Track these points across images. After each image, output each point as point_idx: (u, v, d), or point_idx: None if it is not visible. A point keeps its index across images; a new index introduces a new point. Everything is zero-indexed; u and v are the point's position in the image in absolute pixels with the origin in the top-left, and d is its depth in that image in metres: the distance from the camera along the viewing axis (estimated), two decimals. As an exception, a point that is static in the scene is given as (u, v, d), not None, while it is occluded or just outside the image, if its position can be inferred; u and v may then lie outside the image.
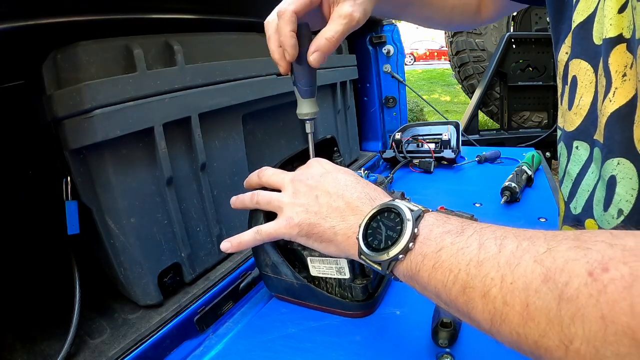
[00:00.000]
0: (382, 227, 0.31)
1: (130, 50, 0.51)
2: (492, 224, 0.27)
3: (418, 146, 1.17)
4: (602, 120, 0.39)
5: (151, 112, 0.52)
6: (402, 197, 0.36)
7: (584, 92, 0.43)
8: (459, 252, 0.25)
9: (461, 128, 1.16)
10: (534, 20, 2.90)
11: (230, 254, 0.70)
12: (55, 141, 0.49)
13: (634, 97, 0.35)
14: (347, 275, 0.51)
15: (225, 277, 0.64)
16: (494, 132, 2.48)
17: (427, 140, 1.17)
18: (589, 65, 0.42)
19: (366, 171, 0.65)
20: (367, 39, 1.26)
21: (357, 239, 0.33)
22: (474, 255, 0.24)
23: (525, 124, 2.49)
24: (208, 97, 0.61)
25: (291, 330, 0.52)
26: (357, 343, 0.48)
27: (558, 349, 0.19)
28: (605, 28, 0.38)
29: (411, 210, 0.30)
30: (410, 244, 0.29)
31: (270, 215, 0.50)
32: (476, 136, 2.34)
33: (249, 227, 0.57)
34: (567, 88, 0.46)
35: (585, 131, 0.43)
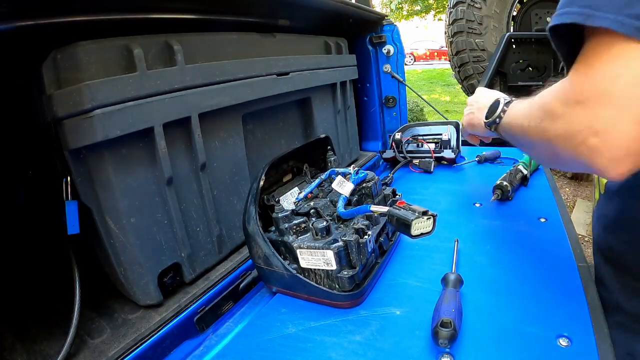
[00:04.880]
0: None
1: (130, 50, 0.51)
2: (518, 105, 0.54)
3: (418, 146, 1.17)
4: None
5: (151, 112, 0.52)
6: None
7: None
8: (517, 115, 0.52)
9: (461, 128, 1.15)
10: (534, 20, 2.90)
11: (229, 254, 0.70)
12: (55, 141, 0.49)
13: None
14: (334, 267, 0.52)
15: (225, 277, 0.64)
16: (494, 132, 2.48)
17: (427, 140, 1.17)
18: None
19: (355, 168, 0.65)
20: (367, 39, 1.26)
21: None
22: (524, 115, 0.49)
23: (525, 123, 2.49)
24: (208, 97, 0.61)
25: (291, 330, 0.52)
26: (357, 343, 0.48)
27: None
28: None
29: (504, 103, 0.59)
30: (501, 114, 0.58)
31: (264, 216, 0.60)
32: (476, 136, 2.34)
33: (244, 226, 0.59)
34: None
35: None
